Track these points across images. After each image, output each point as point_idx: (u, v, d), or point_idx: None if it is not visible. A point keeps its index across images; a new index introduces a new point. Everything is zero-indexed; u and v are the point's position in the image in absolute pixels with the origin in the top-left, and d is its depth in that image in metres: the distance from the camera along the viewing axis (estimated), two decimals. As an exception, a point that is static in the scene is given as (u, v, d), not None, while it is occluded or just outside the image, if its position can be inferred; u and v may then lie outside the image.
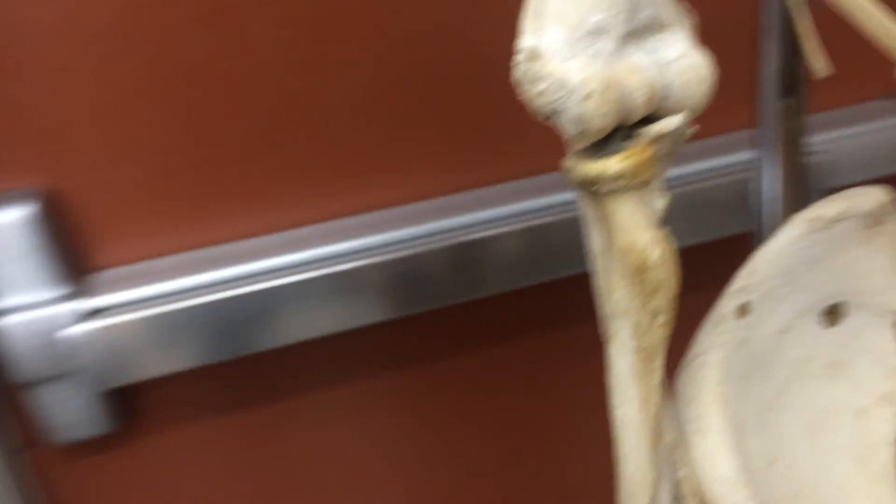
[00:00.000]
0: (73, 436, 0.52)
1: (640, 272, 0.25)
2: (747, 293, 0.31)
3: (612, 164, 0.25)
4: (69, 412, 0.51)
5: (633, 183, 0.25)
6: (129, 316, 0.49)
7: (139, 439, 0.55)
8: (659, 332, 0.26)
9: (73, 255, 0.50)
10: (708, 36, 0.51)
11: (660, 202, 0.27)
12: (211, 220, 0.53)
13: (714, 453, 0.29)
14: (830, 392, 0.33)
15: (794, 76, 0.38)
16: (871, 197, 0.32)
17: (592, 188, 0.25)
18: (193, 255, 0.52)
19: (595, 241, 0.27)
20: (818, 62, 0.29)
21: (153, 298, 0.50)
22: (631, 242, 0.25)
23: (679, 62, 0.26)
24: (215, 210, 0.52)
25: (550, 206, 0.53)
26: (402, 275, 0.52)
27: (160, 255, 0.52)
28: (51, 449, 0.53)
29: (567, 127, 0.25)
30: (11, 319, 0.48)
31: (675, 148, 0.27)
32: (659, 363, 0.26)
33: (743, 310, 0.31)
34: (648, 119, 0.27)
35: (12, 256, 0.48)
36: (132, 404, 0.54)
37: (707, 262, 0.40)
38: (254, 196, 0.52)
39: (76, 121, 0.48)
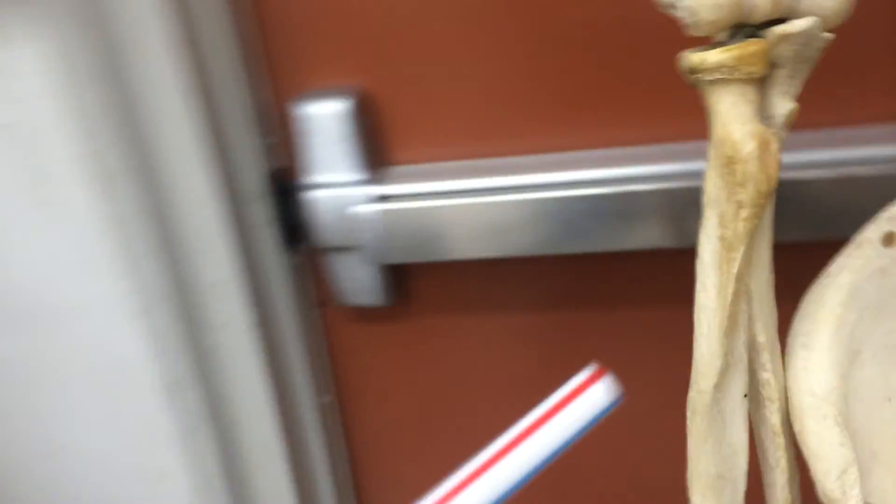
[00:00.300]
0: (354, 302, 0.61)
1: (730, 163, 0.26)
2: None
3: (714, 54, 0.26)
4: (353, 281, 0.60)
5: (736, 75, 0.26)
6: (411, 204, 0.57)
7: (409, 315, 0.63)
8: (741, 225, 0.27)
9: (375, 148, 0.59)
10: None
11: (785, 105, 0.28)
12: (499, 134, 0.58)
13: (814, 368, 0.29)
14: None
15: None
16: None
17: (695, 77, 0.27)
18: (475, 163, 0.58)
19: (713, 136, 0.29)
20: None
21: (435, 194, 0.57)
22: (727, 133, 0.27)
23: (814, -33, 0.27)
24: (506, 125, 0.58)
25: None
26: (671, 207, 0.53)
27: (448, 159, 0.59)
28: (336, 310, 0.63)
29: (683, 17, 0.27)
30: (318, 193, 0.58)
31: (807, 53, 0.28)
32: (738, 255, 0.27)
33: (889, 239, 0.30)
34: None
35: (327, 142, 0.57)
36: (407, 283, 0.62)
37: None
38: (539, 119, 0.57)
39: (393, 31, 0.56)
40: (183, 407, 0.58)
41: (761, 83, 0.28)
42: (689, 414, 0.29)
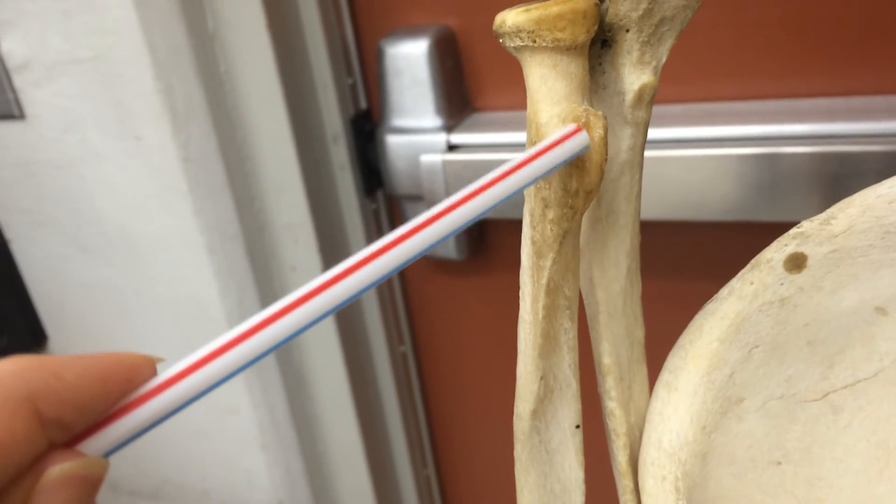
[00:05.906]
0: (431, 253, 0.59)
1: (533, 151, 0.21)
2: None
3: (512, 15, 0.21)
4: (427, 232, 0.58)
5: (539, 42, 0.21)
6: (481, 156, 0.53)
7: (487, 270, 0.60)
8: (549, 228, 0.21)
9: (457, 93, 0.55)
10: None
11: (638, 79, 0.22)
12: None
13: (671, 414, 0.23)
14: (944, 420, 0.23)
15: None
16: None
17: (501, 42, 0.22)
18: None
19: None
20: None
21: (506, 145, 0.53)
22: (533, 113, 0.21)
23: None
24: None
25: None
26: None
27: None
28: (416, 262, 0.61)
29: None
30: (396, 138, 0.56)
31: (664, 13, 0.21)
32: (548, 263, 0.22)
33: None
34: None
35: (409, 84, 0.55)
36: (486, 238, 0.58)
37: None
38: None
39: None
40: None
41: (595, 50, 0.22)
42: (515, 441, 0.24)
